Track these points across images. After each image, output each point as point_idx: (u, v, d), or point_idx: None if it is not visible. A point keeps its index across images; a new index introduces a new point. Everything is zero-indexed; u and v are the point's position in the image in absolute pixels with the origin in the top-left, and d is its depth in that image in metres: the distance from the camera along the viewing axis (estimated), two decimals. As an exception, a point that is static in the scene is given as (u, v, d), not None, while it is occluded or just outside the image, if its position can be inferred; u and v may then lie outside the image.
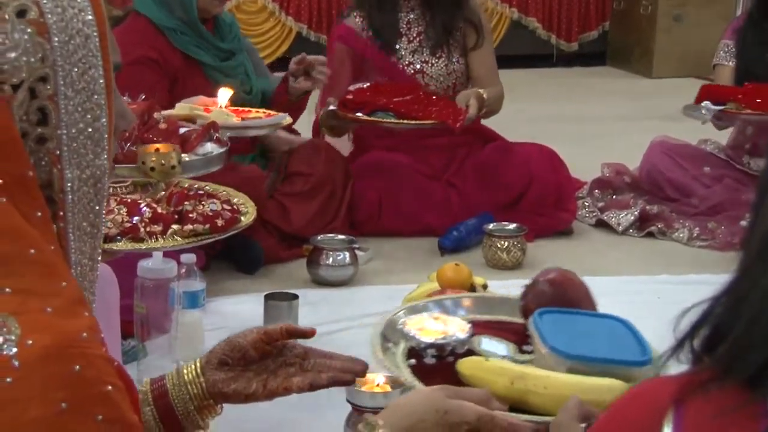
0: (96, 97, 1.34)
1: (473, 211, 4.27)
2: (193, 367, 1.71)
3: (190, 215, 2.11)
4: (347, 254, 3.85)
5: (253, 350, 1.73)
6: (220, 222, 1.95)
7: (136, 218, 2.17)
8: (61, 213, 1.33)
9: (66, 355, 1.19)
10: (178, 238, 2.10)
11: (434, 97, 4.18)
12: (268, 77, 4.43)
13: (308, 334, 1.79)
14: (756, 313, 1.03)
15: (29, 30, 1.28)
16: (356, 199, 4.29)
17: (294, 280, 3.85)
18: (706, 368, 1.05)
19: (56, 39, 1.30)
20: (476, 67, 4.48)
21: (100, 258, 1.44)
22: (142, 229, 2.18)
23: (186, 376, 1.69)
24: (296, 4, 7.23)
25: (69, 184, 1.33)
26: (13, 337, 1.17)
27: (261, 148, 4.10)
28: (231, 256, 3.61)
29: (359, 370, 1.75)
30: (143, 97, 2.81)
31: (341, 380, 1.74)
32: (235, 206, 2.26)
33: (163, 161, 2.24)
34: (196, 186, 2.41)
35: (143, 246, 2.25)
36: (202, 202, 2.16)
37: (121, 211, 2.22)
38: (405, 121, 3.98)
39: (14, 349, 1.16)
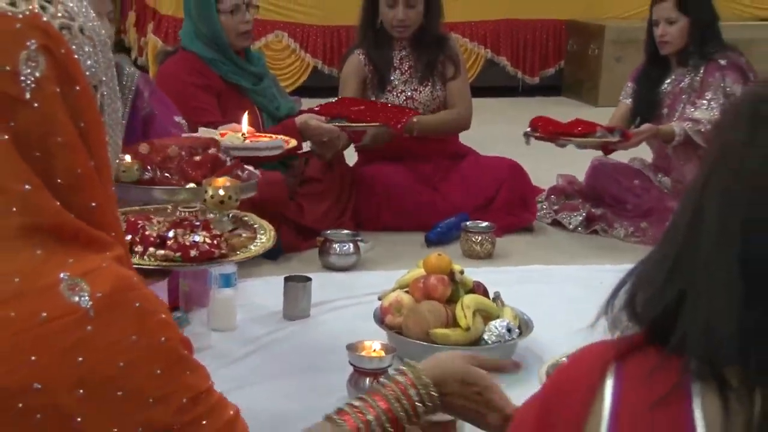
0: (117, 92, 1.38)
1: (453, 212, 4.27)
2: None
3: (169, 242, 1.99)
4: (351, 245, 3.85)
5: None
6: (194, 253, 1.89)
7: (129, 236, 2.05)
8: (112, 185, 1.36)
9: (127, 297, 1.22)
10: (151, 259, 1.99)
11: (388, 105, 4.20)
12: (292, 101, 4.44)
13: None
14: (653, 285, 1.05)
15: (89, 44, 1.29)
16: (359, 201, 4.30)
17: (308, 265, 3.84)
18: (638, 334, 1.04)
19: (99, 50, 1.32)
20: (452, 94, 4.48)
21: None
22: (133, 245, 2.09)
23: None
24: (313, 43, 7.23)
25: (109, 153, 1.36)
26: (86, 294, 1.19)
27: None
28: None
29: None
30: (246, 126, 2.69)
31: None
32: (223, 241, 2.06)
33: (221, 193, 2.17)
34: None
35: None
36: (191, 232, 2.03)
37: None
38: (353, 124, 3.98)
39: (89, 303, 1.18)
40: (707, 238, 1.00)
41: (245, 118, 2.67)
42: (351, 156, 4.52)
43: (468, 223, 4.11)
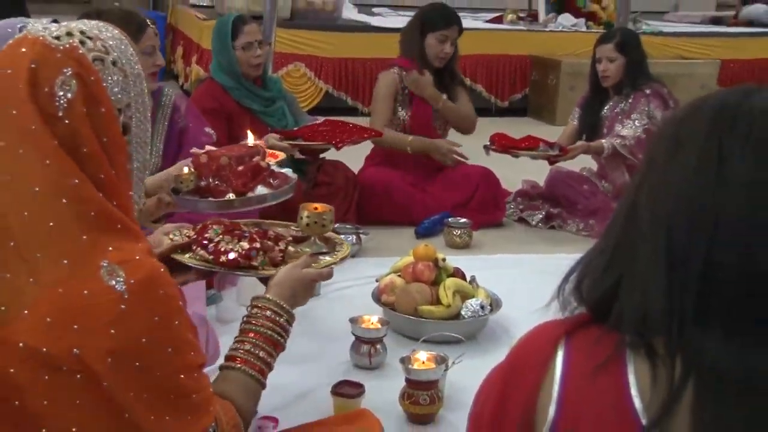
0: (147, 116, 1.37)
1: (438, 210, 4.25)
2: None
3: (210, 246, 1.85)
4: (354, 237, 3.82)
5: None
6: (223, 259, 1.78)
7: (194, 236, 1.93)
8: (131, 191, 1.37)
9: (154, 284, 1.24)
10: (189, 256, 1.86)
11: (355, 126, 4.18)
12: (305, 118, 4.41)
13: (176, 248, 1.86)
14: (597, 271, 1.04)
15: (119, 75, 1.30)
16: (362, 200, 4.27)
17: (319, 253, 3.80)
18: (584, 313, 1.04)
19: (131, 80, 1.32)
20: (465, 106, 4.53)
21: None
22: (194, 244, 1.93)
23: None
24: (325, 72, 7.21)
25: (135, 172, 1.37)
26: (121, 279, 1.20)
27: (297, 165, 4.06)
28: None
29: None
30: (252, 141, 2.63)
31: None
32: (259, 254, 1.85)
33: (316, 220, 2.06)
34: (255, 226, 2.04)
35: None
36: (232, 241, 1.86)
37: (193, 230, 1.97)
38: (304, 143, 3.91)
39: (123, 287, 1.19)
40: (639, 234, 0.99)
41: (250, 135, 2.63)
42: (356, 163, 4.48)
43: (449, 219, 4.11)
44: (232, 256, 1.78)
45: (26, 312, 1.17)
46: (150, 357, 1.22)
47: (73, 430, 1.18)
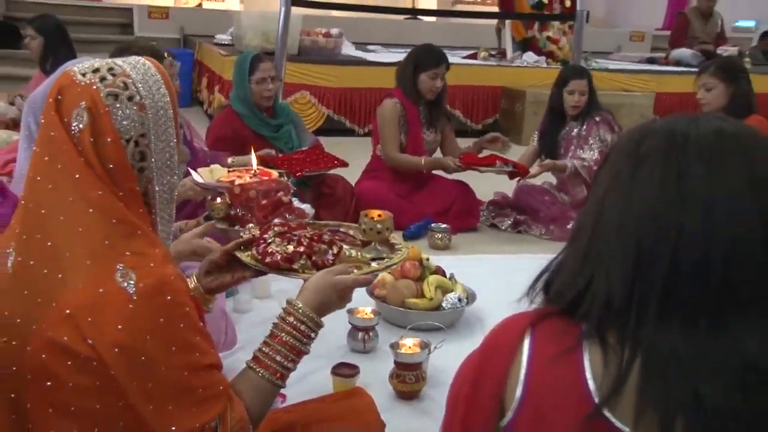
0: (170, 144, 1.32)
1: (422, 217, 4.24)
2: (194, 279, 1.67)
3: (261, 245, 1.69)
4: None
5: (222, 259, 1.70)
6: (268, 259, 1.62)
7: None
8: (154, 210, 1.32)
9: (162, 290, 1.20)
10: (247, 254, 1.70)
11: (324, 154, 4.16)
12: (309, 138, 4.40)
13: (241, 243, 1.71)
14: (569, 272, 1.03)
15: (134, 108, 1.26)
16: (358, 207, 4.21)
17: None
18: (549, 306, 1.04)
19: (150, 112, 1.28)
20: (451, 139, 4.55)
21: (172, 233, 1.44)
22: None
23: (189, 285, 1.60)
24: (327, 99, 7.20)
25: (157, 193, 1.32)
26: (132, 282, 1.17)
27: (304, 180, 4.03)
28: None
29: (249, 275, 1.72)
30: (255, 163, 2.56)
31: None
32: (301, 258, 1.65)
33: (372, 227, 1.81)
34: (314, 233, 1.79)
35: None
36: (281, 243, 1.68)
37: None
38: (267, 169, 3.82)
39: (134, 289, 1.17)
40: (607, 241, 0.99)
41: (254, 157, 2.60)
42: (353, 177, 4.45)
43: (432, 224, 4.09)
44: (275, 257, 1.63)
45: (54, 305, 1.17)
46: (154, 353, 1.18)
47: (97, 406, 1.18)
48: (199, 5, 11.80)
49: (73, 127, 1.21)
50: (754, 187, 0.94)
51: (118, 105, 1.24)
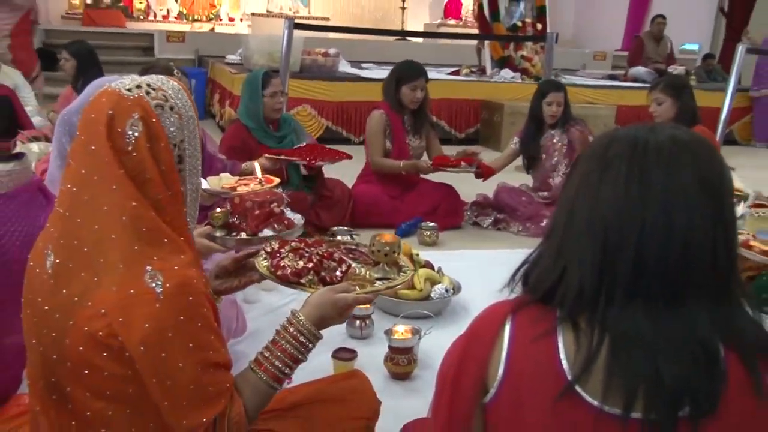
0: (197, 149, 1.33)
1: (412, 216, 4.21)
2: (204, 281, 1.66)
3: (275, 259, 1.65)
4: (348, 237, 3.74)
5: (231, 266, 1.69)
6: (279, 273, 1.59)
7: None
8: (185, 208, 1.32)
9: (185, 291, 1.19)
10: (263, 263, 1.66)
11: (324, 149, 4.06)
12: (308, 139, 4.33)
13: (248, 256, 1.70)
14: (545, 265, 1.04)
15: (175, 117, 1.27)
16: (354, 208, 4.22)
17: (322, 249, 3.75)
18: (527, 295, 1.04)
19: (185, 121, 1.29)
20: (435, 145, 4.48)
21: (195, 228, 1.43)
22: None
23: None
24: (326, 111, 7.18)
25: (188, 192, 1.33)
26: (159, 282, 1.17)
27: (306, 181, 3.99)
28: (291, 237, 3.53)
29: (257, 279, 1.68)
30: (260, 173, 2.51)
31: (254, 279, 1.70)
32: (309, 273, 1.61)
33: (380, 249, 1.74)
34: (324, 250, 1.73)
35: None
36: (294, 258, 1.65)
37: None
38: (285, 157, 3.78)
39: (161, 289, 1.16)
40: (578, 234, 1.00)
41: (257, 166, 2.57)
42: (350, 181, 4.42)
43: (421, 223, 4.07)
44: (286, 271, 1.60)
45: (90, 303, 1.17)
46: (174, 349, 1.17)
47: (130, 391, 1.18)
48: (212, 30, 11.77)
49: (128, 137, 1.20)
50: (702, 185, 0.96)
51: (165, 114, 1.25)
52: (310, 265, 1.61)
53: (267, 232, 2.14)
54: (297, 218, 2.29)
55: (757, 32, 8.72)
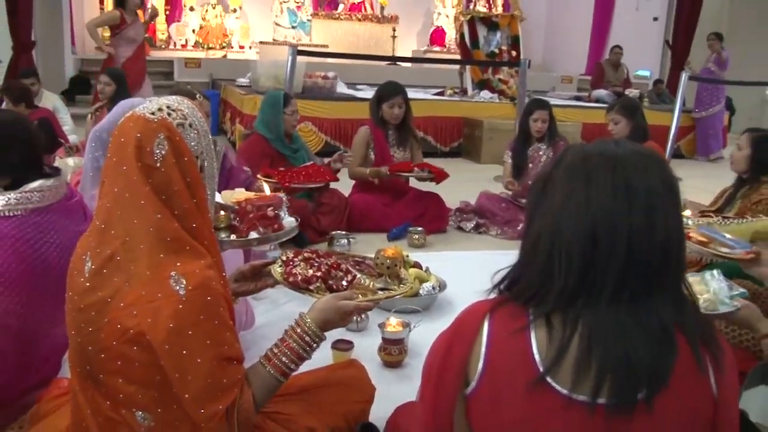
0: (213, 159, 1.34)
1: (402, 221, 4.19)
2: None
3: (289, 266, 1.66)
4: (345, 240, 3.74)
5: (248, 272, 1.68)
6: (291, 279, 1.58)
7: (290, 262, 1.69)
8: (209, 213, 1.33)
9: (204, 292, 1.18)
10: (279, 270, 1.66)
11: (315, 168, 3.94)
12: (314, 159, 4.33)
13: (266, 265, 1.69)
14: (525, 270, 1.03)
15: (194, 133, 1.29)
16: (351, 215, 4.19)
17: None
18: (505, 295, 1.03)
19: (202, 136, 1.30)
20: (415, 158, 4.42)
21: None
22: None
23: None
24: (325, 128, 7.16)
25: (208, 197, 1.33)
26: (183, 285, 1.17)
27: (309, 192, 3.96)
28: (294, 240, 3.50)
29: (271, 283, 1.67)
30: (268, 190, 2.45)
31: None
32: (317, 281, 1.61)
33: (383, 262, 1.74)
34: (332, 262, 1.71)
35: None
36: (305, 267, 1.64)
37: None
38: (272, 181, 3.54)
39: (183, 292, 1.16)
40: (568, 246, 0.97)
41: (266, 187, 2.52)
42: (347, 190, 4.40)
43: (411, 227, 4.04)
44: (297, 278, 1.60)
45: (122, 304, 1.18)
46: (193, 345, 1.18)
47: (158, 378, 1.18)
48: (224, 56, 11.75)
49: (156, 155, 1.21)
50: (667, 187, 0.98)
51: (186, 131, 1.26)
52: (319, 273, 1.61)
53: (253, 235, 2.12)
54: (289, 222, 2.25)
55: (696, 62, 8.83)
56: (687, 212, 2.58)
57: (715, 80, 8.09)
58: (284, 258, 1.71)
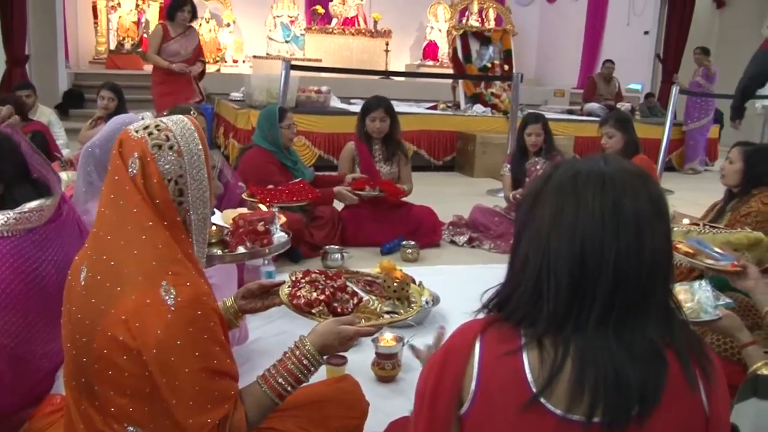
0: (203, 182, 1.33)
1: (396, 236, 4.19)
2: (231, 299, 1.66)
3: (294, 289, 1.65)
4: (339, 255, 3.76)
5: (257, 290, 1.68)
6: (295, 301, 1.57)
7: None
8: (192, 235, 1.32)
9: (194, 306, 1.19)
10: (285, 290, 1.66)
11: (297, 185, 3.84)
12: (310, 171, 4.36)
13: (275, 286, 1.68)
14: (514, 292, 1.02)
15: (174, 155, 1.28)
16: (344, 229, 4.21)
17: (316, 266, 3.69)
18: (497, 315, 1.03)
19: (186, 158, 1.30)
20: (404, 174, 4.44)
21: (205, 255, 1.41)
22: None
23: (227, 303, 1.65)
24: (318, 142, 7.18)
25: (194, 222, 1.32)
26: (172, 297, 1.18)
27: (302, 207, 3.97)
28: (288, 254, 3.49)
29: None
30: (264, 207, 2.45)
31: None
32: (320, 303, 1.59)
33: (390, 285, 1.73)
34: (339, 283, 1.70)
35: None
36: (310, 290, 1.63)
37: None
38: (254, 200, 3.47)
39: (173, 302, 1.17)
40: (555, 266, 0.97)
41: (262, 206, 2.52)
42: (340, 204, 4.39)
43: (404, 242, 4.05)
44: (300, 301, 1.59)
45: (113, 311, 1.19)
46: (181, 355, 1.18)
47: (147, 390, 1.20)
48: (218, 70, 11.79)
49: (129, 171, 1.24)
50: (654, 207, 0.97)
51: (161, 153, 1.26)
52: (322, 297, 1.60)
53: (240, 250, 2.12)
54: (279, 237, 2.25)
55: (685, 76, 8.95)
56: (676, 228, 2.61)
57: (705, 94, 8.18)
58: (293, 278, 1.69)
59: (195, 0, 6.12)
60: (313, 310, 1.58)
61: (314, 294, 1.61)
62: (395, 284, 1.72)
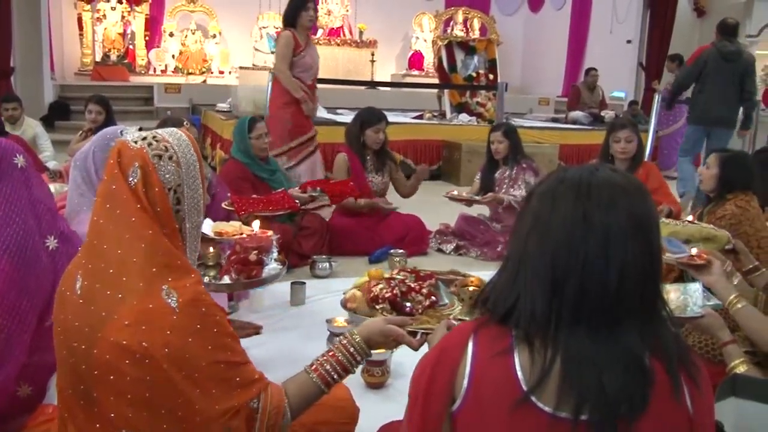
0: (197, 192, 1.36)
1: (383, 244, 4.23)
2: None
3: (374, 285, 1.73)
4: (327, 264, 3.78)
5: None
6: (366, 296, 1.66)
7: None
8: (186, 242, 1.35)
9: (198, 303, 1.23)
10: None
11: (276, 195, 3.72)
12: (290, 184, 4.33)
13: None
14: (502, 291, 1.05)
15: (173, 165, 1.31)
16: (332, 239, 4.24)
17: (304, 275, 3.75)
18: (489, 316, 1.05)
19: (183, 168, 1.33)
20: (399, 182, 4.53)
21: (197, 260, 1.43)
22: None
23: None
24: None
25: (188, 230, 1.35)
26: (174, 299, 1.21)
27: (291, 216, 3.98)
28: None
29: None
30: (258, 227, 2.45)
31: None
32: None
33: (464, 297, 1.72)
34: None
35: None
36: (383, 287, 1.77)
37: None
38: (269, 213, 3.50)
39: (176, 304, 1.20)
40: (531, 265, 1.01)
41: (256, 224, 2.48)
42: (328, 214, 4.44)
43: (392, 250, 4.06)
44: (370, 296, 1.66)
45: (116, 317, 1.21)
46: (195, 351, 1.21)
47: (147, 395, 1.21)
48: (204, 81, 11.79)
49: (130, 182, 1.26)
50: (634, 223, 0.99)
51: (162, 163, 1.29)
52: (388, 294, 1.68)
53: (225, 280, 2.14)
54: (270, 269, 2.24)
55: (665, 84, 9.05)
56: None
57: (677, 101, 8.27)
58: (386, 276, 1.76)
59: (180, 12, 6.04)
60: (377, 306, 1.66)
61: (384, 291, 1.68)
62: (470, 291, 1.73)
